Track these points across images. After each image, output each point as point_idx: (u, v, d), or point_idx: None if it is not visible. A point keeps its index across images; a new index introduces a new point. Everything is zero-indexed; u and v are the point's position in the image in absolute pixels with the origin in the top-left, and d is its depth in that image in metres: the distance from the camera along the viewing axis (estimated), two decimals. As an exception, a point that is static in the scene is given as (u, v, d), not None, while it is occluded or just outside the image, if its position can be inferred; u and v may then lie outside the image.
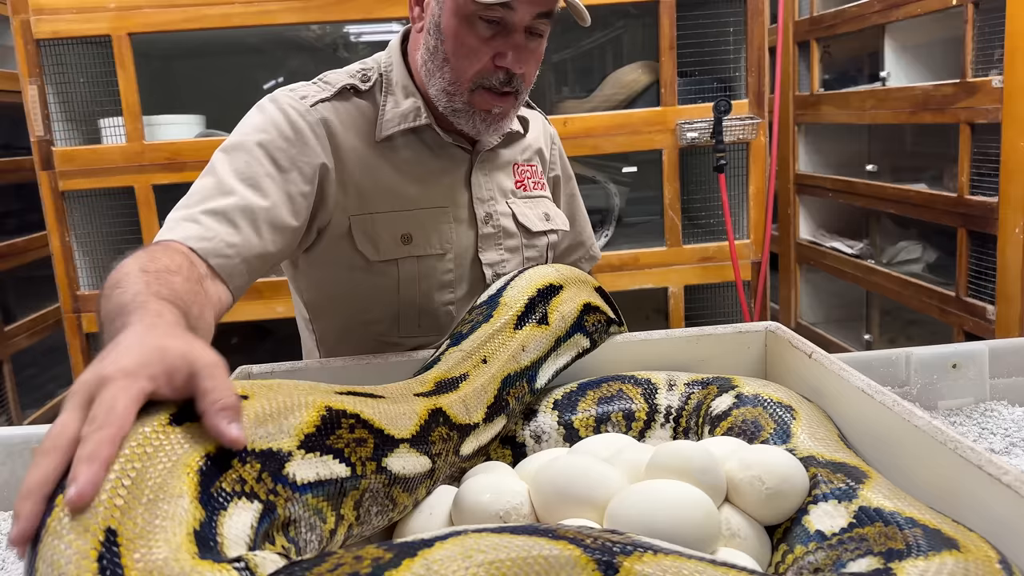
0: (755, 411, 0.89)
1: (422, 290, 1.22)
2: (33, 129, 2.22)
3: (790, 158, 3.98)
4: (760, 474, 0.70)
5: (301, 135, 1.13)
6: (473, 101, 1.14)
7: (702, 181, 2.52)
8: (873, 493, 0.69)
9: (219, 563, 0.50)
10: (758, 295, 2.41)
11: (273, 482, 0.60)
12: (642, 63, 2.44)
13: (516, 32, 1.09)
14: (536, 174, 1.37)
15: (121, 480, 0.52)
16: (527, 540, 0.55)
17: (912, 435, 0.76)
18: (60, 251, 2.30)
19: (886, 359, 1.11)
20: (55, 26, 2.18)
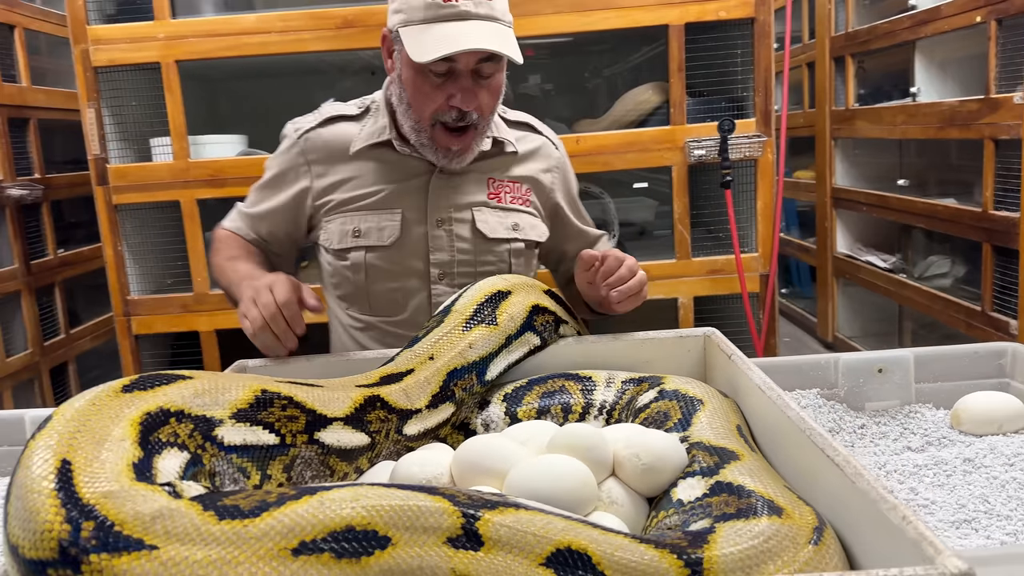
0: (669, 404, 1.00)
1: (370, 276, 1.49)
2: (90, 148, 2.44)
3: (827, 172, 4.02)
4: (638, 452, 0.82)
5: (292, 156, 1.53)
6: (434, 137, 1.39)
7: (711, 196, 2.61)
8: (733, 471, 0.80)
9: (152, 485, 0.64)
10: (766, 307, 2.49)
11: (203, 440, 0.76)
12: (653, 84, 2.55)
13: (462, 77, 1.32)
14: (520, 192, 1.54)
15: (76, 426, 0.68)
16: (408, 493, 0.68)
17: (786, 425, 0.86)
18: (113, 260, 2.52)
19: (816, 363, 1.21)
20: (111, 55, 2.40)
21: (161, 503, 0.63)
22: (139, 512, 0.61)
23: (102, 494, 0.63)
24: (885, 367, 1.17)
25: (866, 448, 1.10)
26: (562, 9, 2.37)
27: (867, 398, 1.19)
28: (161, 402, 0.75)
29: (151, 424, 0.72)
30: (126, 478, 0.65)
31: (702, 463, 0.83)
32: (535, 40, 2.77)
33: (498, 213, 1.51)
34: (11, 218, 3.16)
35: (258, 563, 0.60)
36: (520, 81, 3.17)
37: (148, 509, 0.62)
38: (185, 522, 0.61)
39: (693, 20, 2.37)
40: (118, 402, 0.73)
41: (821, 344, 4.16)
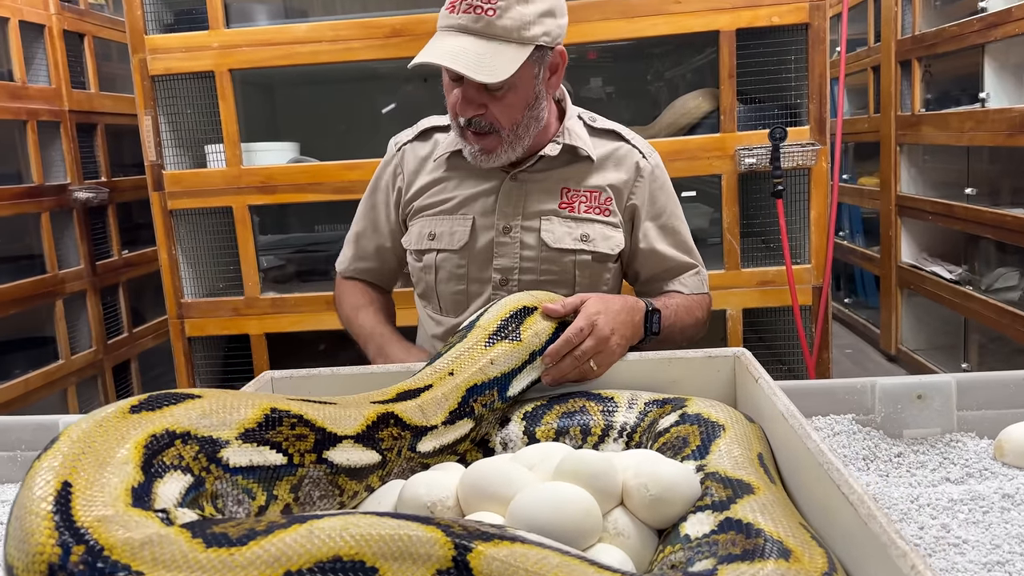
0: (689, 429, 0.98)
1: (440, 277, 1.56)
2: (147, 154, 2.51)
3: (892, 179, 3.89)
4: (647, 482, 0.79)
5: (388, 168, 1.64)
6: (463, 137, 1.46)
7: (763, 206, 2.55)
8: (745, 507, 0.77)
9: (146, 511, 0.65)
10: (819, 321, 2.42)
11: (207, 462, 0.75)
12: (704, 90, 2.50)
13: (465, 86, 1.37)
14: (598, 201, 1.53)
15: (82, 448, 0.69)
16: (400, 523, 0.68)
17: (805, 456, 0.83)
18: (167, 263, 2.58)
19: (851, 388, 1.16)
20: (167, 63, 2.47)
21: (152, 529, 0.63)
22: (130, 538, 0.62)
23: (96, 518, 0.63)
24: (925, 393, 1.12)
25: (901, 478, 1.05)
26: (610, 16, 2.34)
27: (905, 425, 1.13)
28: (167, 424, 0.76)
29: (155, 446, 0.73)
30: (122, 503, 0.65)
31: (715, 496, 0.81)
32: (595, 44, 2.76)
33: (568, 223, 1.51)
34: (78, 220, 3.27)
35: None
36: (583, 84, 3.16)
37: (139, 535, 0.62)
38: (173, 549, 0.61)
39: (745, 26, 2.32)
40: (125, 423, 0.74)
41: (884, 356, 4.03)
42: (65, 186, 3.20)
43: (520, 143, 1.45)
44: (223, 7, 2.43)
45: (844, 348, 4.23)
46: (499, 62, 1.33)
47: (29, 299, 2.97)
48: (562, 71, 1.48)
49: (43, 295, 3.05)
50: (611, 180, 1.53)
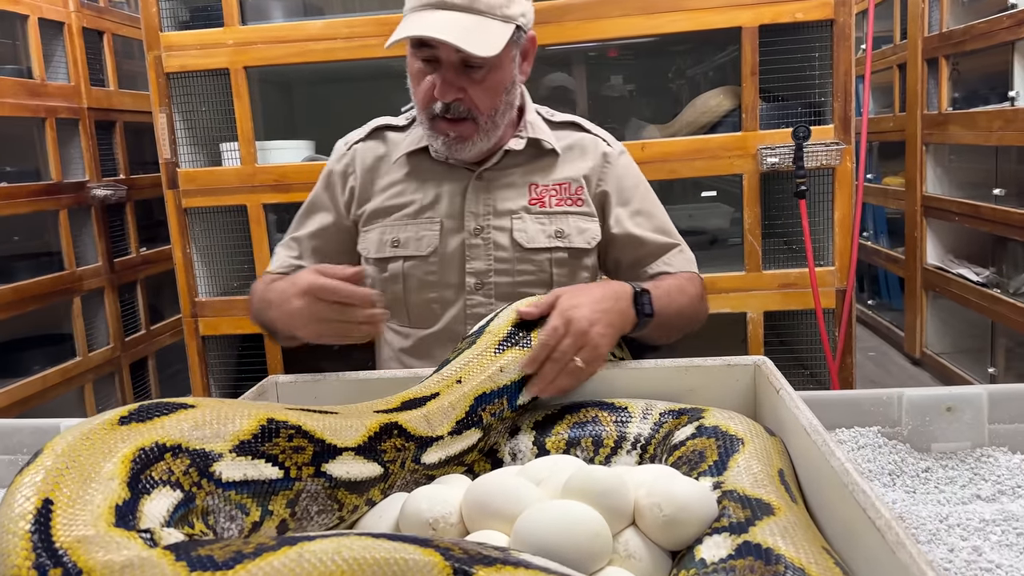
0: (706, 442, 0.93)
1: (408, 286, 1.47)
2: (162, 152, 2.50)
3: (917, 179, 3.82)
4: (660, 501, 0.75)
5: (337, 170, 1.53)
6: (433, 128, 1.37)
7: (785, 206, 2.50)
8: (765, 530, 0.73)
9: (129, 531, 0.62)
10: (842, 324, 2.36)
11: (198, 476, 0.72)
12: (725, 88, 2.45)
13: (444, 67, 1.30)
14: (569, 192, 1.47)
15: (66, 463, 0.66)
16: (396, 545, 0.64)
17: (829, 474, 0.79)
18: (182, 261, 2.57)
19: (877, 399, 1.11)
20: (182, 61, 2.45)
21: (133, 552, 0.60)
22: (109, 561, 0.59)
23: (76, 539, 0.60)
24: (955, 405, 1.07)
25: (929, 495, 1.00)
26: (630, 11, 2.29)
27: (934, 438, 1.09)
28: (157, 436, 0.72)
29: (144, 461, 0.69)
30: (105, 522, 0.62)
31: (732, 517, 0.76)
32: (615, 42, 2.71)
33: (540, 220, 1.46)
34: (96, 217, 3.27)
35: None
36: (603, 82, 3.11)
37: (119, 557, 0.59)
38: (155, 572, 0.58)
39: (768, 22, 2.27)
40: (113, 436, 0.71)
41: (908, 360, 3.96)
42: (83, 183, 3.20)
43: (495, 131, 1.39)
44: (238, 4, 2.41)
45: (867, 351, 4.16)
46: (487, 37, 1.28)
47: (47, 296, 2.97)
48: (532, 58, 1.44)
49: (61, 292, 3.05)
50: (578, 170, 1.48)
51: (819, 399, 1.14)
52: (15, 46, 3.06)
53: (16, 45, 3.05)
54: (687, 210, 3.18)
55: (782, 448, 0.95)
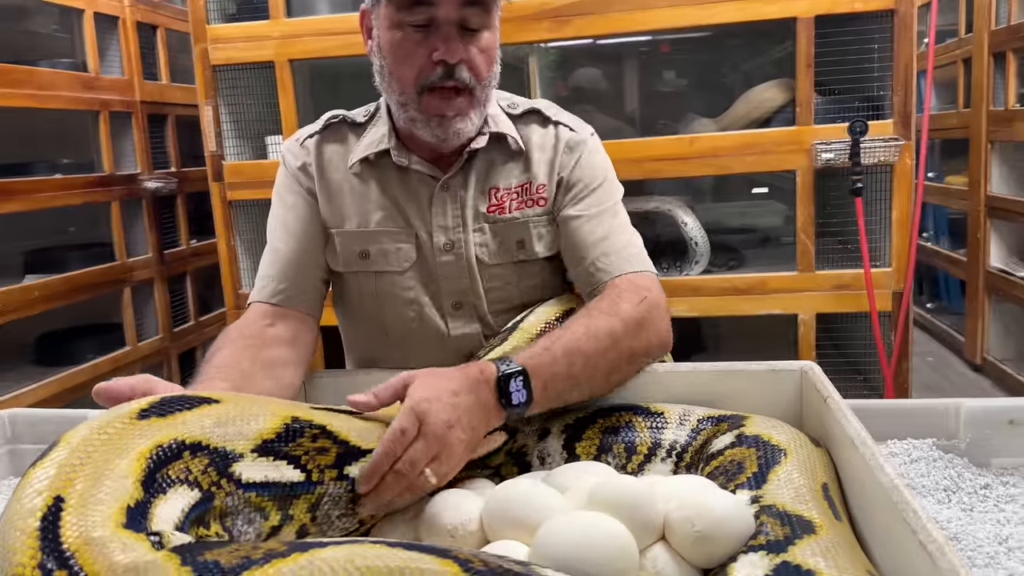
0: (746, 452, 0.88)
1: (382, 304, 1.31)
2: (207, 145, 2.51)
3: (981, 178, 3.67)
4: (691, 516, 0.70)
5: (293, 171, 1.32)
6: (424, 107, 1.17)
7: (840, 204, 2.40)
8: (805, 549, 0.68)
9: (138, 533, 0.59)
10: (899, 328, 2.26)
11: (217, 476, 0.69)
12: (778, 81, 2.37)
13: (444, 26, 1.13)
14: (528, 193, 1.29)
15: (81, 458, 0.64)
16: (412, 555, 0.60)
17: (877, 490, 0.73)
18: (226, 254, 2.58)
19: (932, 409, 1.04)
20: (228, 53, 2.45)
21: (138, 554, 0.57)
22: (113, 563, 0.56)
23: (84, 541, 0.58)
24: (1018, 418, 1.00)
25: (988, 514, 0.93)
26: (679, 2, 2.22)
27: (994, 453, 1.01)
28: (177, 433, 0.70)
29: (161, 459, 0.67)
30: (114, 523, 0.60)
31: (770, 534, 0.71)
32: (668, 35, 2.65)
33: (500, 230, 1.28)
34: (147, 209, 3.32)
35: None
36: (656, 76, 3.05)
37: (124, 559, 0.57)
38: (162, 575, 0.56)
39: (824, 12, 2.18)
40: (131, 430, 0.68)
41: (968, 366, 3.81)
42: (135, 175, 3.24)
43: (483, 108, 1.22)
44: (284, -4, 2.40)
45: (925, 356, 4.02)
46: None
47: (98, 286, 3.02)
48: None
49: (112, 282, 3.10)
50: (539, 166, 1.29)
51: (870, 408, 1.07)
52: (71, 40, 3.11)
53: (72, 39, 3.10)
54: (738, 207, 3.09)
55: (828, 460, 0.89)
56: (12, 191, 2.60)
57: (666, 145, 2.32)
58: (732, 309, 2.34)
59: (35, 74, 2.70)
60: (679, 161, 2.31)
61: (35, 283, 2.70)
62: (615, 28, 2.29)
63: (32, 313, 2.67)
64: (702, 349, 2.90)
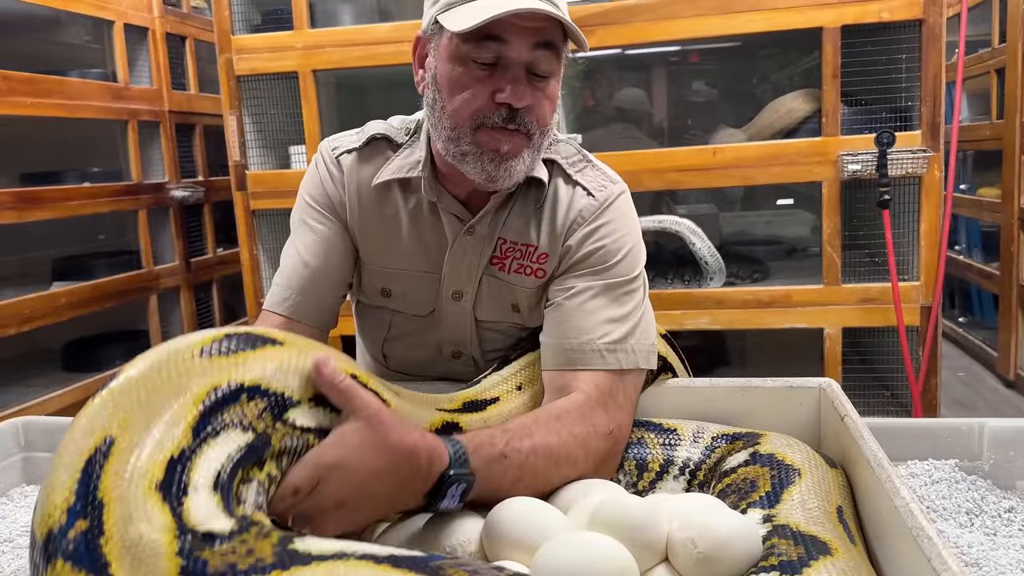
0: (759, 471, 0.86)
1: (393, 335, 1.24)
2: (231, 154, 2.53)
3: (1015, 190, 3.59)
4: (694, 537, 0.68)
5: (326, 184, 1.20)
6: (478, 141, 1.05)
7: (867, 217, 2.36)
8: (820, 571, 0.65)
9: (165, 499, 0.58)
10: (927, 343, 2.21)
11: (272, 420, 0.68)
12: (804, 91, 2.34)
13: (513, 66, 1.02)
14: (530, 258, 1.16)
15: (138, 397, 0.63)
16: (401, 574, 0.59)
17: (892, 514, 0.70)
18: (249, 263, 2.59)
19: (955, 429, 1.00)
20: (252, 64, 2.47)
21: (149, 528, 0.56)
22: (125, 533, 0.56)
23: (116, 496, 0.57)
24: (1045, 440, 0.96)
25: (1012, 538, 0.90)
26: (704, 11, 2.20)
27: (1019, 475, 0.98)
28: (237, 375, 0.68)
29: (217, 401, 0.65)
30: (149, 482, 0.58)
31: (783, 555, 0.69)
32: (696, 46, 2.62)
33: (498, 288, 1.17)
34: (174, 218, 3.35)
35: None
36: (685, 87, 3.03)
37: (132, 533, 0.56)
38: (153, 562, 0.55)
39: (851, 22, 2.14)
40: (191, 368, 0.66)
41: (1001, 382, 3.72)
42: (163, 184, 3.28)
43: (537, 155, 1.10)
44: (308, 7, 2.42)
45: (957, 371, 3.93)
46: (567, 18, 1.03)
47: (125, 293, 3.05)
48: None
49: (138, 290, 3.13)
50: (546, 229, 1.15)
51: (890, 427, 1.04)
52: (102, 51, 3.16)
53: (103, 50, 3.15)
54: (764, 216, 3.06)
55: (844, 482, 0.86)
56: (42, 199, 2.64)
57: (690, 156, 2.29)
58: (756, 322, 2.31)
59: (65, 84, 2.74)
60: (703, 172, 2.28)
61: (62, 290, 2.73)
62: (639, 38, 2.27)
63: (59, 320, 2.70)
64: (726, 363, 2.86)
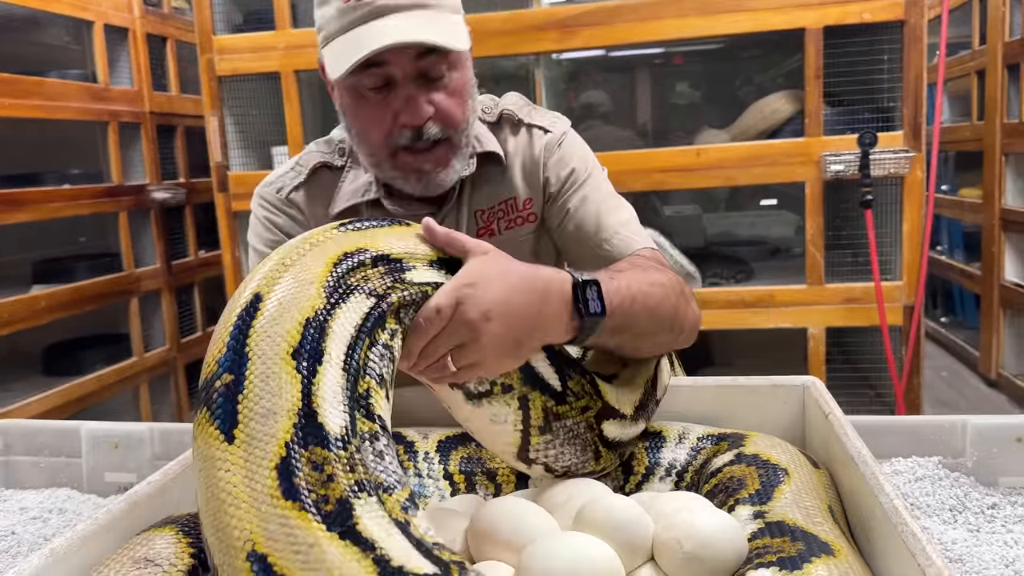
0: (746, 470, 0.85)
1: None
2: (213, 155, 2.51)
3: (996, 191, 3.62)
4: (679, 536, 0.68)
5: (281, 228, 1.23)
6: (399, 165, 1.09)
7: (850, 217, 2.38)
8: (822, 570, 0.65)
9: (298, 371, 0.62)
10: (910, 343, 2.22)
11: (392, 282, 0.73)
12: (786, 92, 2.35)
13: (401, 86, 1.04)
14: (515, 210, 1.22)
15: (284, 261, 0.70)
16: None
17: (876, 511, 0.70)
18: (231, 264, 2.58)
19: (939, 426, 1.01)
20: (234, 64, 2.46)
21: (274, 404, 0.60)
22: (258, 400, 0.60)
23: (257, 353, 0.62)
24: (1027, 437, 0.97)
25: (995, 535, 0.90)
26: (687, 12, 2.21)
27: (1002, 472, 0.98)
28: (365, 242, 0.74)
29: (346, 265, 0.71)
30: (287, 347, 0.63)
31: (781, 551, 0.68)
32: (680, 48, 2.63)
33: None
34: (155, 220, 3.32)
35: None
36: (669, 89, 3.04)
37: (264, 406, 0.60)
38: (266, 445, 0.58)
39: (833, 23, 2.16)
40: (329, 237, 0.74)
41: (983, 381, 3.75)
42: (144, 186, 3.25)
43: (468, 146, 1.14)
44: (290, 7, 2.40)
45: (939, 371, 3.96)
46: (451, 30, 1.05)
47: (105, 296, 3.02)
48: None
49: (119, 293, 3.10)
50: (519, 178, 1.21)
51: (874, 425, 1.04)
52: (81, 52, 3.13)
53: (82, 51, 3.12)
54: (748, 217, 3.07)
55: (828, 482, 0.86)
56: (21, 201, 2.60)
57: (673, 156, 2.30)
58: (740, 322, 2.31)
59: (44, 85, 2.71)
60: (686, 172, 2.28)
61: (42, 293, 2.70)
62: (622, 39, 2.28)
63: (39, 323, 2.67)
64: (711, 363, 2.86)
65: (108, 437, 1.21)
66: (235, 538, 0.55)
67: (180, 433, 1.21)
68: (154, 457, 1.19)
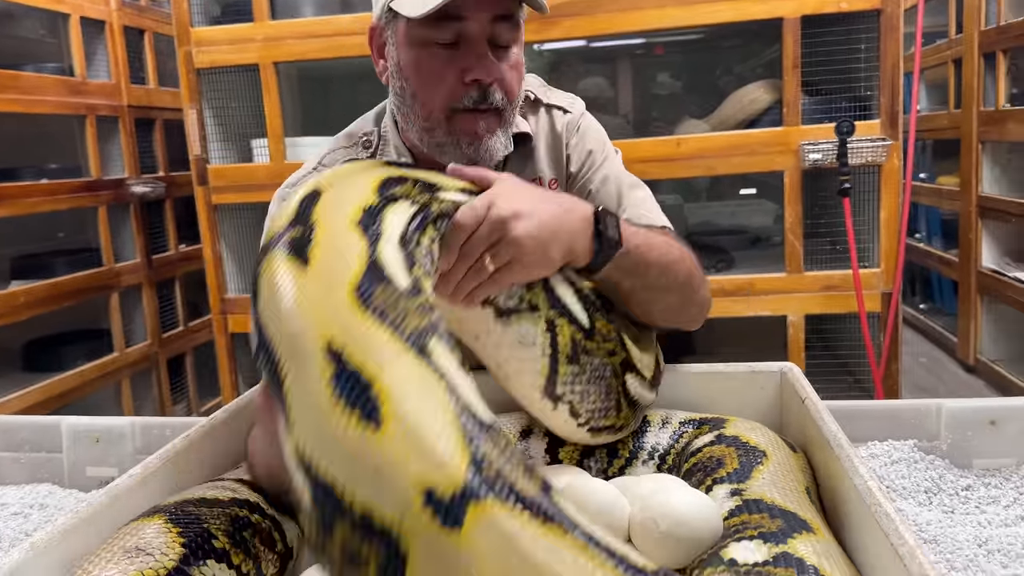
0: (725, 450, 0.87)
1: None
2: (192, 148, 2.49)
3: (973, 179, 3.66)
4: (655, 516, 0.69)
5: None
6: (453, 129, 1.07)
7: (828, 205, 2.39)
8: (804, 546, 0.66)
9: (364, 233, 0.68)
10: (888, 329, 2.25)
11: (428, 196, 0.81)
12: (764, 82, 2.36)
13: (476, 43, 1.03)
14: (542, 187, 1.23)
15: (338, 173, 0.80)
16: None
17: (851, 494, 0.71)
18: (212, 258, 2.56)
19: (914, 410, 1.02)
20: (212, 56, 2.44)
21: (345, 244, 0.66)
22: (330, 245, 0.65)
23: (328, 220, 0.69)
24: (999, 419, 0.98)
25: (969, 515, 0.92)
26: (666, 3, 2.21)
27: (976, 454, 1.00)
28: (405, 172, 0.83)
29: (390, 181, 0.79)
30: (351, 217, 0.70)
31: (761, 527, 0.69)
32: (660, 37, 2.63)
33: None
34: (135, 214, 3.30)
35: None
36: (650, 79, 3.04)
37: (336, 245, 0.66)
38: (339, 274, 0.62)
39: (811, 12, 2.17)
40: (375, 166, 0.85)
41: (961, 367, 3.80)
42: (122, 180, 3.22)
43: (510, 128, 1.13)
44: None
45: (918, 357, 4.01)
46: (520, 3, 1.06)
47: (85, 292, 3.00)
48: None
49: (99, 288, 3.08)
50: (544, 160, 1.24)
51: (850, 409, 1.06)
52: (58, 45, 3.09)
53: (59, 44, 3.09)
54: (729, 206, 3.08)
55: (805, 465, 0.87)
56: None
57: (654, 146, 2.31)
58: (721, 311, 2.33)
59: (21, 79, 2.68)
60: (667, 162, 2.29)
61: (21, 289, 2.68)
62: (603, 29, 2.28)
63: (18, 319, 2.64)
64: (692, 352, 2.88)
65: (89, 432, 1.20)
66: (312, 337, 0.56)
67: (161, 427, 1.21)
68: (135, 451, 1.19)
